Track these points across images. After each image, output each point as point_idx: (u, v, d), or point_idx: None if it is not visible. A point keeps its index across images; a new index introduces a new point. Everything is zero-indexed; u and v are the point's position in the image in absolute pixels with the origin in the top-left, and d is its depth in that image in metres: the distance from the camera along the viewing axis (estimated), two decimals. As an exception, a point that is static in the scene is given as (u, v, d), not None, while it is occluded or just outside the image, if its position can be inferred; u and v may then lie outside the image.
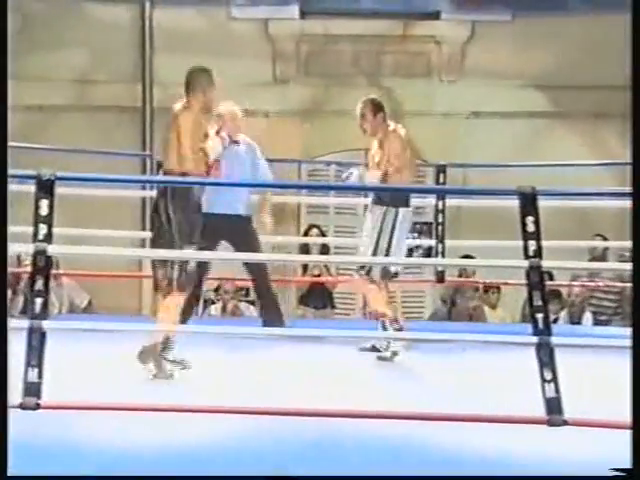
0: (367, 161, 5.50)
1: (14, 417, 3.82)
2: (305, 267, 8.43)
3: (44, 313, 3.90)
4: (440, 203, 6.65)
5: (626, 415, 3.16)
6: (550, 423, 3.73)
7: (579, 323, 7.91)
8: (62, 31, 8.84)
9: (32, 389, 3.81)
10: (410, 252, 8.89)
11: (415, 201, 7.83)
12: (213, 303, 8.21)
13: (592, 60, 8.81)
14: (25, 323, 3.90)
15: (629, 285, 5.40)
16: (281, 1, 8.76)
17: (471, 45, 9.23)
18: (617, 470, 3.09)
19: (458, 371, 4.99)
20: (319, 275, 8.07)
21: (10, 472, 3.08)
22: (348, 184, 5.41)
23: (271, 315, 5.77)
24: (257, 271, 5.79)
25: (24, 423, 3.84)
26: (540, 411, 3.79)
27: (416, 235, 9.08)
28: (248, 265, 5.83)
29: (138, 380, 4.62)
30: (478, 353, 4.94)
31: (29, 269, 4.06)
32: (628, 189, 3.49)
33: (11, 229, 5.18)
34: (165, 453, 3.69)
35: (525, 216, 3.87)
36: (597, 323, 7.90)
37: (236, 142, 5.61)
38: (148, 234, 7.63)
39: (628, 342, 3.28)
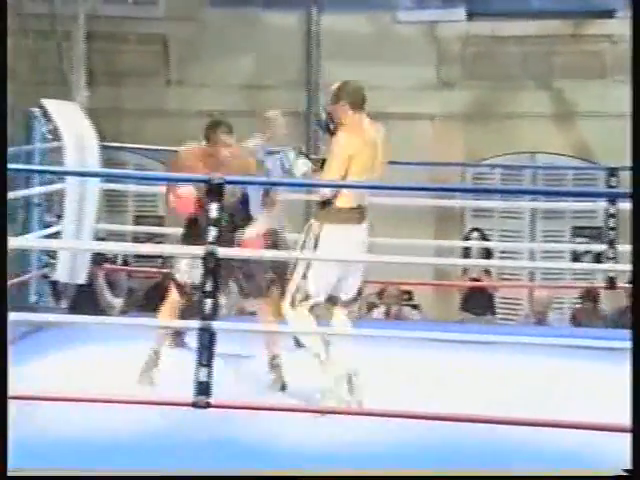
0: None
1: (184, 416, 3.93)
2: (465, 271, 8.31)
3: (214, 314, 3.97)
4: (612, 207, 6.42)
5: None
6: None
7: None
8: (232, 38, 9.04)
9: (203, 388, 3.89)
10: (578, 257, 8.67)
11: (585, 205, 7.67)
12: (376, 307, 8.21)
13: None
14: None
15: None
16: (448, 3, 8.68)
17: (647, 44, 8.88)
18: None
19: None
20: (478, 279, 7.90)
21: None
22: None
23: None
24: None
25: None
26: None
27: (585, 240, 8.83)
28: None
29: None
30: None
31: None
32: None
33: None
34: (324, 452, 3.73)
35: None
36: None
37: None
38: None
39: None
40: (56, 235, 6.28)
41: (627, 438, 3.14)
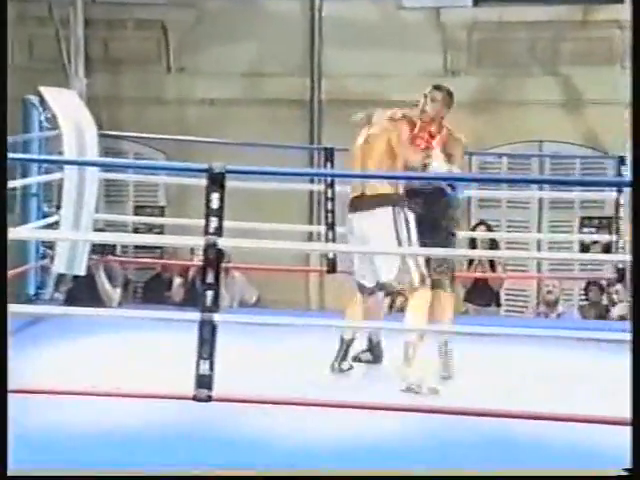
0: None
1: (183, 409, 3.83)
2: (471, 263, 8.19)
3: (215, 306, 3.87)
4: (621, 197, 6.32)
5: None
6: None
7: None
8: (233, 25, 8.92)
9: (204, 381, 3.80)
10: (587, 248, 8.55)
11: (593, 195, 7.56)
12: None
13: None
14: (194, 315, 3.89)
15: None
16: (454, -11, 8.56)
17: (657, 29, 8.74)
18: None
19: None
20: (482, 271, 7.79)
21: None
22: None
23: None
24: None
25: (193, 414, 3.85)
26: None
27: (594, 230, 8.71)
28: None
29: (303, 375, 4.57)
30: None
31: (200, 262, 4.05)
32: None
33: (183, 222, 5.23)
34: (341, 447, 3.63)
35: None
36: None
37: None
38: (315, 228, 7.66)
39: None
40: (54, 225, 6.18)
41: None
